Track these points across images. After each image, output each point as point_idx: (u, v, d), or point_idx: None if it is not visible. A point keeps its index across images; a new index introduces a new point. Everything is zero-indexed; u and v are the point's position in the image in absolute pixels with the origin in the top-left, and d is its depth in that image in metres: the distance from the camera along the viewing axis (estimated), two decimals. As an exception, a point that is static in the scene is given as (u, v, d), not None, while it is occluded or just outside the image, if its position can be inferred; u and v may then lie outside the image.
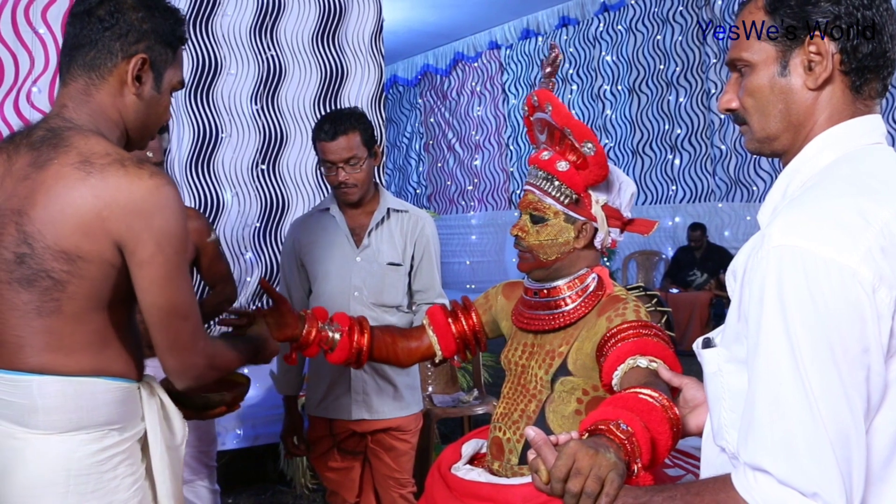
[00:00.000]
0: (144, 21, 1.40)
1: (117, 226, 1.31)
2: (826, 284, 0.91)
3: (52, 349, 1.36)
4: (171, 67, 1.47)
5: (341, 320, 1.90)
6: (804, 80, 1.06)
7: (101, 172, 1.31)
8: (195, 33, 3.74)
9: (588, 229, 1.71)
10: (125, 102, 1.42)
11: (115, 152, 1.36)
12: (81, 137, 1.35)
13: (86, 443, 1.37)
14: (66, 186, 1.31)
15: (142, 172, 1.33)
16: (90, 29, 1.38)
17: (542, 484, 1.02)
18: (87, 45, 1.39)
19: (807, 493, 0.91)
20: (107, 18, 1.38)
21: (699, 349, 1.15)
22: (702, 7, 7.86)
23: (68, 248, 1.31)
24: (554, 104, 1.66)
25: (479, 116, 10.42)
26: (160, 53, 1.43)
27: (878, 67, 1.06)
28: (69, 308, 1.35)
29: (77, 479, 1.36)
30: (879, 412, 0.95)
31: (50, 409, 1.35)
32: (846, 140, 1.06)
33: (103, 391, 1.39)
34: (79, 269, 1.32)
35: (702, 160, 8.15)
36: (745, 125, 1.13)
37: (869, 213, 0.94)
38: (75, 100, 1.40)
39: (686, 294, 7.38)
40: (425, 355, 1.95)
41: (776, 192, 1.11)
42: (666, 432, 1.20)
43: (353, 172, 2.45)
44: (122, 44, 1.39)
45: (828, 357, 0.91)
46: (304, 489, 3.94)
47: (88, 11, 1.39)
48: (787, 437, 0.92)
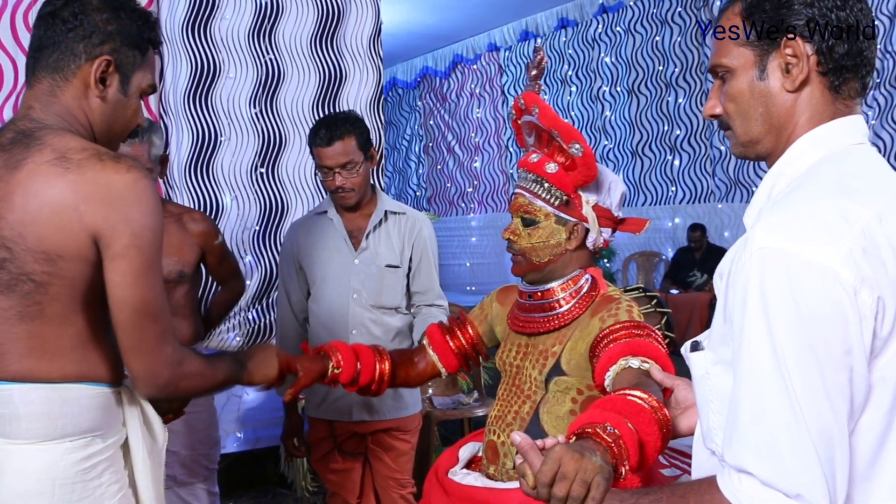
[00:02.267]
0: (109, 22, 1.37)
1: (94, 217, 1.29)
2: (808, 286, 0.91)
3: (35, 355, 1.33)
4: (140, 70, 1.44)
5: (343, 351, 1.89)
6: (782, 83, 1.07)
7: (78, 167, 1.29)
8: (193, 37, 3.75)
9: (579, 230, 1.71)
10: (90, 105, 1.40)
11: (92, 147, 1.34)
12: (55, 135, 1.33)
13: (70, 451, 1.35)
14: (44, 184, 1.29)
15: (119, 166, 1.31)
16: (54, 30, 1.36)
17: (528, 489, 1.03)
18: (50, 46, 1.37)
19: (790, 493, 0.92)
20: (70, 20, 1.36)
21: (687, 353, 1.15)
22: (700, 8, 7.86)
23: (48, 248, 1.29)
24: (540, 106, 1.67)
25: (479, 118, 10.42)
26: (126, 56, 1.40)
27: (856, 67, 1.07)
28: (52, 311, 1.32)
29: (63, 489, 1.34)
30: (864, 413, 0.96)
31: (33, 416, 1.33)
32: (829, 141, 1.07)
33: (87, 397, 1.37)
34: (59, 269, 1.30)
35: (701, 161, 8.15)
36: (730, 130, 1.15)
37: (850, 214, 0.95)
38: (41, 101, 1.38)
39: (686, 295, 7.38)
40: (432, 374, 1.98)
41: (761, 194, 1.12)
42: (654, 434, 1.21)
43: (350, 177, 2.45)
44: (85, 45, 1.36)
45: (810, 358, 0.91)
46: (304, 492, 3.94)
47: (53, 13, 1.37)
48: (770, 439, 0.93)
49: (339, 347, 1.88)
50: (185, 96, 3.75)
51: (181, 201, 3.65)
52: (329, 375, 1.84)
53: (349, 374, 1.85)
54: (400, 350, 2.01)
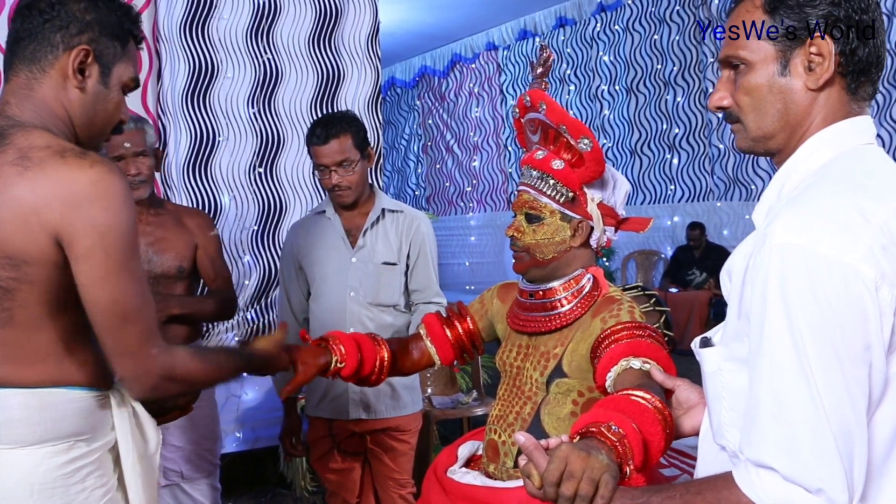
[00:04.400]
0: (87, 12, 1.34)
1: (52, 217, 1.23)
2: (829, 282, 0.92)
3: (9, 361, 1.30)
4: (121, 62, 1.40)
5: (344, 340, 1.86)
6: (804, 81, 1.07)
7: (38, 166, 1.24)
8: (191, 37, 3.74)
9: (584, 227, 1.70)
10: (69, 97, 1.35)
11: (57, 144, 1.28)
12: (23, 133, 1.28)
13: (51, 455, 1.32)
14: (5, 185, 1.24)
15: (83, 162, 1.25)
16: (31, 22, 1.33)
17: (534, 489, 1.02)
18: (27, 38, 1.33)
19: (811, 489, 0.92)
20: (47, 10, 1.32)
21: (697, 348, 1.15)
22: (699, 6, 7.86)
23: (12, 253, 1.25)
24: (548, 102, 1.66)
25: (478, 118, 10.42)
26: (106, 46, 1.36)
27: (872, 70, 1.07)
28: (21, 317, 1.28)
29: (42, 493, 1.31)
30: (879, 407, 0.96)
31: (13, 422, 1.30)
32: (840, 140, 1.07)
33: (67, 401, 1.34)
34: (25, 275, 1.26)
35: (700, 159, 8.15)
36: (738, 123, 1.13)
37: (868, 211, 0.95)
38: (17, 95, 1.34)
39: (685, 293, 7.38)
40: (427, 364, 1.95)
41: (771, 192, 1.11)
42: (658, 434, 1.20)
43: (347, 175, 2.47)
44: (62, 35, 1.33)
45: (831, 354, 0.92)
46: (303, 492, 3.94)
47: (29, 5, 1.34)
48: (792, 434, 0.93)
49: (341, 338, 1.84)
50: (182, 96, 3.74)
51: (179, 201, 3.65)
52: (332, 369, 1.81)
53: (352, 367, 1.81)
54: (396, 338, 1.99)
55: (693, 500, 1.00)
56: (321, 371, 1.80)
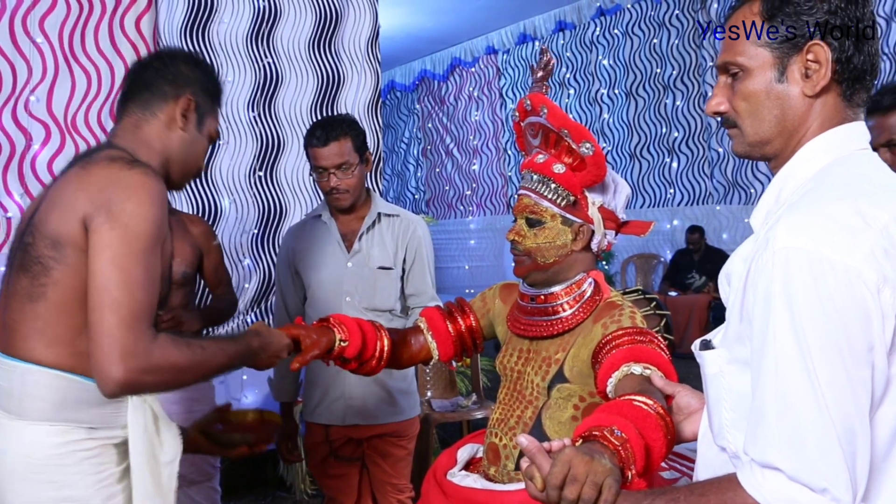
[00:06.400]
0: (192, 70, 1.62)
1: (84, 202, 1.39)
2: (833, 285, 0.93)
3: (38, 336, 1.42)
4: (211, 116, 1.66)
5: (348, 324, 1.83)
6: (801, 88, 1.08)
7: (93, 165, 1.45)
8: (191, 41, 3.75)
9: (585, 231, 1.70)
10: (171, 137, 1.59)
11: (117, 154, 1.47)
12: (111, 150, 1.50)
13: (49, 434, 1.42)
14: (65, 182, 1.45)
15: (127, 166, 1.43)
16: (146, 76, 1.60)
17: (537, 492, 1.02)
18: (143, 87, 1.59)
19: (816, 488, 0.93)
20: (161, 67, 1.61)
21: (698, 351, 1.16)
22: (698, 10, 7.88)
23: (53, 234, 1.41)
24: (549, 106, 1.66)
25: (477, 121, 10.43)
26: (203, 100, 1.63)
27: (867, 77, 1.08)
28: (54, 296, 1.41)
29: (34, 467, 1.41)
30: (880, 407, 0.97)
31: (27, 397, 1.42)
32: (837, 145, 1.08)
33: (77, 390, 1.43)
34: (63, 256, 1.40)
35: (699, 163, 8.16)
36: (735, 128, 1.14)
37: (869, 215, 0.96)
38: (125, 130, 1.58)
39: (685, 297, 7.39)
40: (424, 359, 1.93)
41: (769, 197, 1.12)
42: (660, 439, 1.20)
43: (345, 178, 2.46)
44: (172, 87, 1.59)
45: (835, 355, 0.93)
46: (303, 495, 3.94)
47: (144, 65, 1.64)
48: (797, 434, 0.94)
49: (343, 320, 1.82)
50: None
51: (180, 205, 3.65)
52: (336, 349, 1.77)
53: (356, 347, 1.78)
54: (395, 328, 1.96)
55: (698, 502, 1.01)
56: (327, 348, 1.76)
